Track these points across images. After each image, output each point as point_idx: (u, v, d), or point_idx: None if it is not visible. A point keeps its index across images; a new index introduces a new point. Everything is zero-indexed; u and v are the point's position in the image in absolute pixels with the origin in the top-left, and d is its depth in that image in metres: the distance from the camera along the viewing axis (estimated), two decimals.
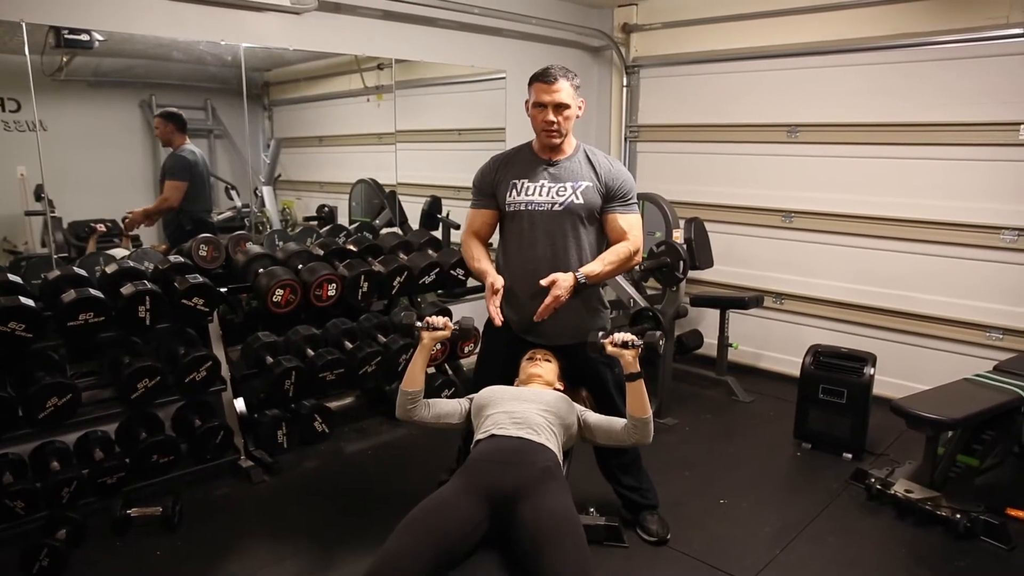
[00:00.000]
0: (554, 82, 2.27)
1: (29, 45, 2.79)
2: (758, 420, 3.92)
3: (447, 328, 2.23)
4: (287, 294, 3.10)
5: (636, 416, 2.15)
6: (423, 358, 2.25)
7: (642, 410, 2.14)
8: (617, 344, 2.14)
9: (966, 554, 2.59)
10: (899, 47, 3.79)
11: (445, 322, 2.23)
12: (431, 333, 2.23)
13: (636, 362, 2.13)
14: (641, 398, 2.14)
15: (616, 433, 2.20)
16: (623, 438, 2.19)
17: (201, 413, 3.11)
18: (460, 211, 4.35)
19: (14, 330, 2.50)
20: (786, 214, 4.37)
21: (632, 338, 2.13)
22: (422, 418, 2.26)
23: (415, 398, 2.24)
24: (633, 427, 2.16)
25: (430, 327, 2.22)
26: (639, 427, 2.15)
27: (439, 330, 2.23)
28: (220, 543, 2.68)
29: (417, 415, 2.25)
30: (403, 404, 2.24)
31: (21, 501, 2.55)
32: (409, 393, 2.23)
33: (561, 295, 2.26)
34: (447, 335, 2.25)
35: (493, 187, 2.46)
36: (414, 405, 2.24)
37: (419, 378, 2.24)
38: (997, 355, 3.52)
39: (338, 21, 3.62)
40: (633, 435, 2.17)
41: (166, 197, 3.62)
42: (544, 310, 2.27)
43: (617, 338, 2.14)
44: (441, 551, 1.76)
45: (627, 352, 2.13)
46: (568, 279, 2.28)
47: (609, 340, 2.16)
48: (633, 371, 2.13)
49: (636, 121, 5.02)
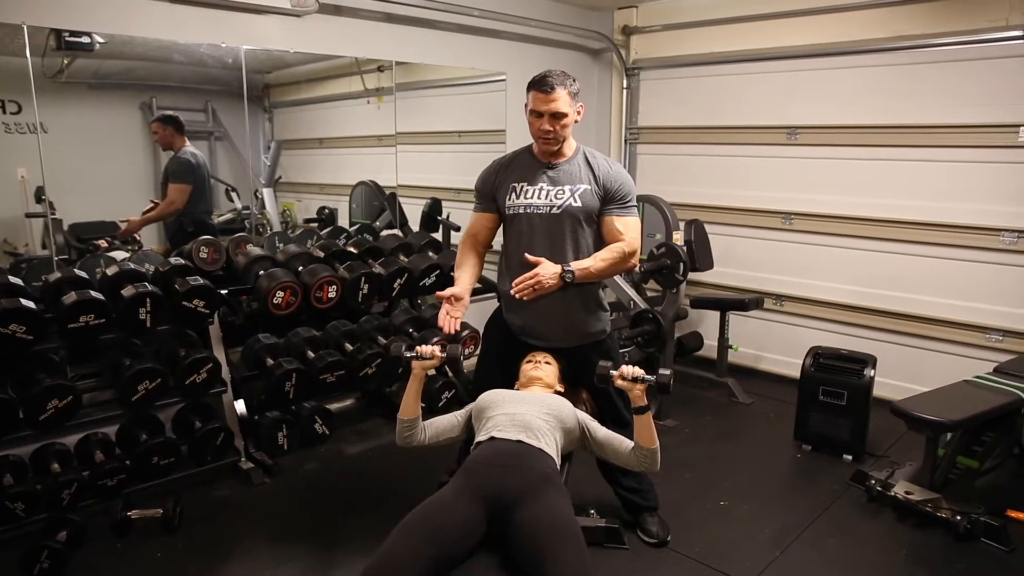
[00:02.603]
0: (551, 91, 2.26)
1: (30, 47, 2.79)
2: (758, 422, 3.92)
3: (436, 358, 2.26)
4: (287, 296, 3.10)
5: (644, 447, 2.13)
6: (416, 387, 2.28)
7: (650, 441, 2.12)
8: (626, 379, 2.10)
9: (966, 556, 2.59)
10: (899, 49, 3.79)
11: (433, 351, 2.26)
12: (421, 363, 2.26)
13: (644, 396, 2.10)
14: (649, 430, 2.11)
15: (624, 456, 2.18)
16: (631, 463, 2.18)
17: (201, 415, 3.12)
18: (460, 213, 4.36)
19: (15, 332, 2.50)
20: (786, 216, 4.37)
21: (641, 373, 2.08)
22: (421, 443, 2.28)
23: (412, 426, 2.26)
24: (642, 456, 2.14)
25: (420, 357, 2.26)
26: (648, 456, 2.13)
27: (428, 359, 2.26)
28: (220, 545, 2.68)
29: (416, 441, 2.27)
30: (401, 433, 2.27)
31: (22, 503, 2.56)
32: (406, 422, 2.26)
33: (541, 277, 2.24)
34: (436, 364, 2.28)
35: (493, 191, 2.47)
36: (411, 432, 2.26)
37: (414, 407, 2.26)
38: (997, 357, 3.53)
39: (339, 23, 3.63)
40: (642, 464, 2.15)
41: (171, 200, 3.62)
42: (521, 285, 2.24)
43: (627, 371, 2.09)
44: (439, 553, 1.76)
45: (636, 387, 2.09)
46: (554, 267, 2.28)
47: (618, 374, 2.11)
48: (641, 404, 2.10)
49: (636, 123, 5.03)
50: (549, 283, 2.27)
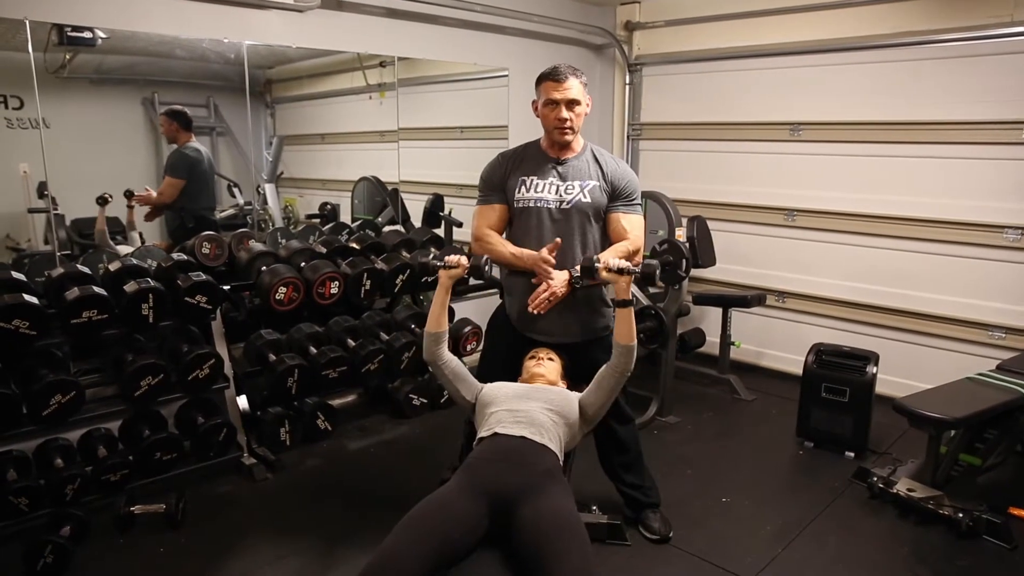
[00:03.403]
0: (564, 79, 2.31)
1: (32, 43, 2.78)
2: (760, 418, 3.92)
3: (461, 266, 2.32)
4: (290, 292, 3.10)
5: (622, 343, 2.17)
6: (443, 297, 2.34)
7: (629, 338, 2.17)
8: (612, 269, 2.12)
9: (968, 553, 2.59)
10: (902, 45, 3.78)
11: (459, 260, 2.32)
12: (448, 271, 2.32)
13: (628, 289, 2.14)
14: (629, 326, 2.16)
15: (602, 378, 2.22)
16: (607, 376, 2.21)
17: (204, 411, 3.11)
18: (462, 209, 4.36)
19: (18, 327, 2.50)
20: (789, 212, 4.36)
21: (627, 265, 2.11)
22: (445, 363, 2.32)
23: (439, 339, 2.32)
24: (618, 355, 2.18)
25: (447, 265, 2.32)
26: (623, 354, 2.17)
27: (454, 268, 2.32)
28: (223, 540, 2.68)
29: (441, 359, 2.32)
30: (429, 346, 2.32)
31: (25, 498, 2.57)
32: (433, 334, 2.31)
33: (554, 289, 2.28)
34: (462, 273, 2.33)
35: (503, 182, 2.47)
36: (439, 346, 2.32)
37: (442, 319, 2.32)
38: (1000, 354, 3.52)
39: (341, 19, 3.62)
40: (618, 364, 2.18)
41: (161, 192, 3.62)
42: (538, 301, 2.29)
43: (612, 263, 2.12)
44: (440, 549, 1.77)
45: (621, 278, 2.12)
46: (563, 275, 2.31)
47: (603, 265, 2.13)
48: (625, 298, 2.15)
49: (639, 119, 5.02)
50: (561, 291, 2.31)
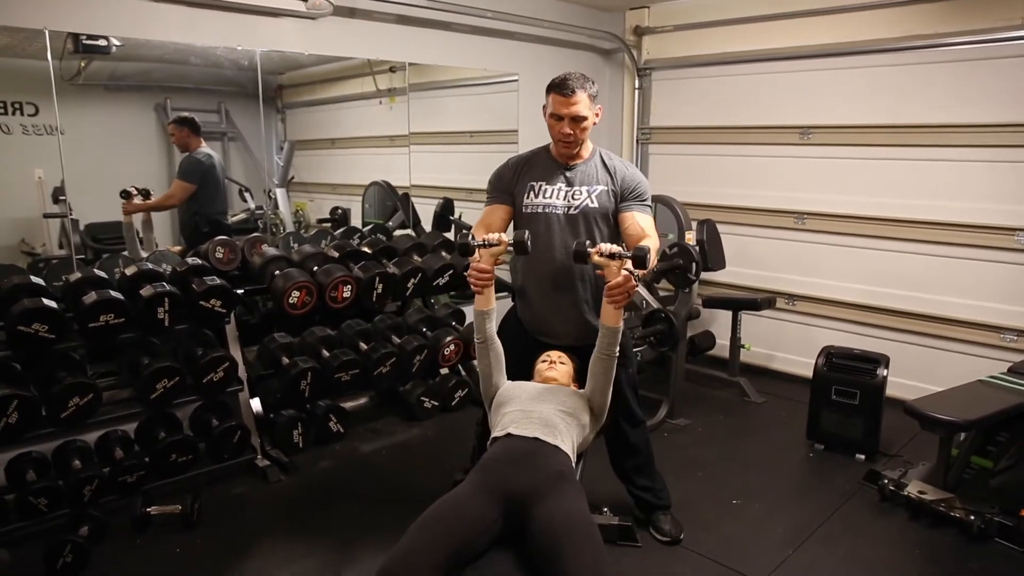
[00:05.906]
0: (572, 95, 2.27)
1: (50, 50, 2.83)
2: (770, 421, 3.92)
3: (502, 243, 2.27)
4: (303, 296, 3.13)
5: (608, 325, 2.19)
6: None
7: (616, 321, 2.18)
8: (604, 254, 2.11)
9: (980, 555, 2.59)
10: (912, 49, 3.78)
11: (500, 238, 2.27)
12: (489, 250, 2.27)
13: (619, 273, 2.10)
14: (615, 311, 2.17)
15: (592, 365, 2.24)
16: (595, 361, 2.22)
17: (218, 413, 3.15)
18: (472, 213, 4.37)
19: (38, 331, 2.55)
20: (798, 216, 4.37)
21: (618, 249, 2.11)
22: (495, 343, 2.31)
23: (490, 315, 2.30)
24: (601, 336, 2.20)
25: (487, 244, 2.26)
26: (607, 335, 2.19)
27: (495, 245, 2.27)
28: (237, 540, 2.71)
29: (492, 337, 2.31)
30: (479, 325, 2.30)
31: (44, 498, 2.61)
32: (482, 312, 2.29)
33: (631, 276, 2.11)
34: (503, 250, 2.29)
35: (512, 186, 2.48)
36: (489, 322, 2.30)
37: (490, 297, 2.30)
38: (1011, 357, 3.51)
39: (352, 26, 3.66)
40: (601, 346, 2.20)
41: (171, 194, 3.67)
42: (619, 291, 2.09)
43: (603, 248, 2.12)
44: (455, 549, 1.78)
45: (613, 263, 2.11)
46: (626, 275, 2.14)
47: (596, 250, 2.13)
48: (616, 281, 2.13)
49: (648, 123, 5.03)
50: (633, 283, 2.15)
